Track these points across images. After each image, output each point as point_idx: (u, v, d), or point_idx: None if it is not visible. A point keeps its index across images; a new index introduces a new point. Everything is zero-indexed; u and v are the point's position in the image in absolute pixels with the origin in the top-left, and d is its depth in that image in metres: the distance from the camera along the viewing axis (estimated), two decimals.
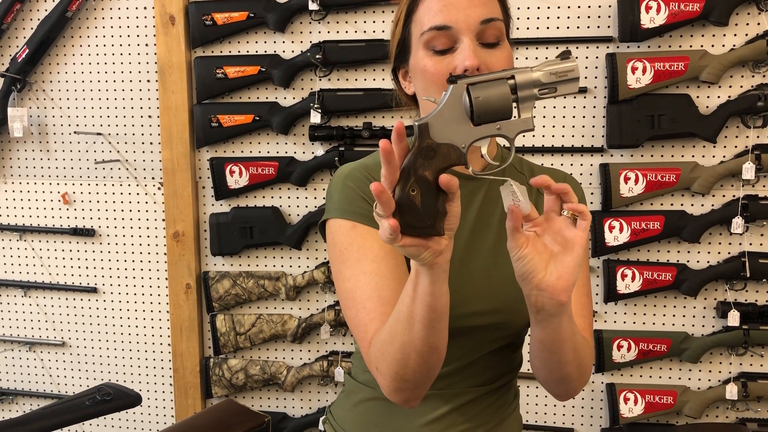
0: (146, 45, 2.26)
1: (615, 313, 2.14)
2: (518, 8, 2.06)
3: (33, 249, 2.42)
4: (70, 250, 2.40)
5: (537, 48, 2.07)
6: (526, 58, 2.07)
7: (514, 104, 0.80)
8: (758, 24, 1.96)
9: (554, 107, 2.08)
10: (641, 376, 2.16)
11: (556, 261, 0.85)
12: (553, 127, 2.09)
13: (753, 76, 1.99)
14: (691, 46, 2.00)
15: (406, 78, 1.09)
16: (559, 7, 2.05)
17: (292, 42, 2.18)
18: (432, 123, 0.79)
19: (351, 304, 1.00)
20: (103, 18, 2.27)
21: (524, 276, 0.86)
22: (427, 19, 0.99)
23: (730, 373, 2.10)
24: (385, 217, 0.75)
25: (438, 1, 0.99)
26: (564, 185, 0.84)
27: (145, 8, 2.25)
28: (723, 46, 1.99)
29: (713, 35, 1.99)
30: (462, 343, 1.05)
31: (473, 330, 1.04)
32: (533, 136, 2.10)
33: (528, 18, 2.06)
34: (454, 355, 1.05)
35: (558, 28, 2.06)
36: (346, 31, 2.15)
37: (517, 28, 2.07)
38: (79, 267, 2.40)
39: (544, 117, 2.09)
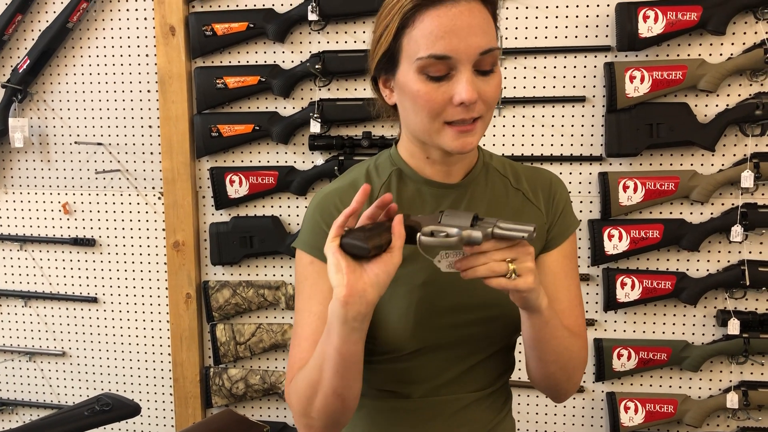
0: (146, 55, 2.27)
1: (615, 321, 2.14)
2: (516, 18, 2.07)
3: (33, 259, 2.42)
4: (71, 260, 2.40)
5: (536, 58, 2.08)
6: (525, 68, 2.08)
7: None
8: (755, 33, 1.97)
9: (553, 116, 2.09)
10: (641, 384, 2.15)
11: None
12: (552, 135, 2.10)
13: (751, 85, 1.99)
14: (689, 55, 2.01)
15: (386, 86, 1.04)
16: (557, 17, 2.06)
17: (292, 52, 2.19)
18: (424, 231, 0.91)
19: (294, 335, 1.05)
20: (103, 29, 2.29)
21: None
22: (425, 44, 0.93)
23: (730, 381, 2.10)
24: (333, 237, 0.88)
25: (439, 25, 0.93)
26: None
27: (145, 19, 2.26)
28: (720, 55, 1.99)
29: (711, 44, 2.00)
30: (461, 349, 1.06)
31: (472, 335, 1.05)
32: (532, 145, 2.10)
33: (527, 28, 2.07)
34: (456, 361, 1.06)
35: (556, 37, 2.07)
36: (346, 41, 2.16)
37: (515, 38, 2.08)
38: (80, 277, 2.41)
39: (543, 126, 2.10)
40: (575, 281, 1.11)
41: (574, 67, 2.07)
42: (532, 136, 2.10)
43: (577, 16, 2.05)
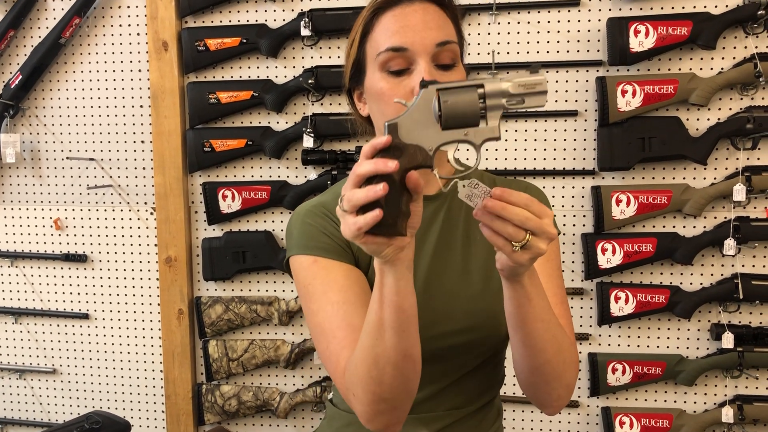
0: (139, 71, 2.27)
1: (609, 336, 2.13)
2: (509, 33, 2.08)
3: (24, 275, 2.40)
4: (62, 276, 2.38)
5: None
6: None
7: (482, 112, 0.81)
8: (745, 47, 1.98)
9: (545, 130, 2.09)
10: (636, 399, 2.14)
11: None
12: (545, 150, 2.10)
13: (741, 99, 2.00)
14: (680, 69, 2.02)
15: (361, 99, 1.08)
16: (548, 32, 2.07)
17: (285, 67, 2.20)
18: (401, 124, 0.80)
19: (321, 337, 0.99)
20: (96, 44, 2.29)
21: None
22: (383, 40, 0.99)
23: (725, 396, 2.09)
24: (349, 212, 0.77)
25: (394, 22, 0.99)
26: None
27: (138, 34, 2.26)
28: (711, 69, 2.01)
29: (701, 58, 2.01)
30: (438, 365, 1.04)
31: (448, 350, 1.04)
32: (525, 159, 2.11)
33: (518, 42, 2.08)
34: (432, 378, 1.05)
35: (548, 52, 2.07)
36: (338, 56, 2.16)
37: (508, 53, 2.09)
38: (71, 293, 2.39)
39: (535, 140, 2.10)
40: (556, 282, 1.09)
41: (566, 81, 2.08)
42: (525, 150, 2.11)
43: (568, 31, 2.06)
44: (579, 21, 2.05)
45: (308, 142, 2.15)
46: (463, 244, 1.08)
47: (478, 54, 2.09)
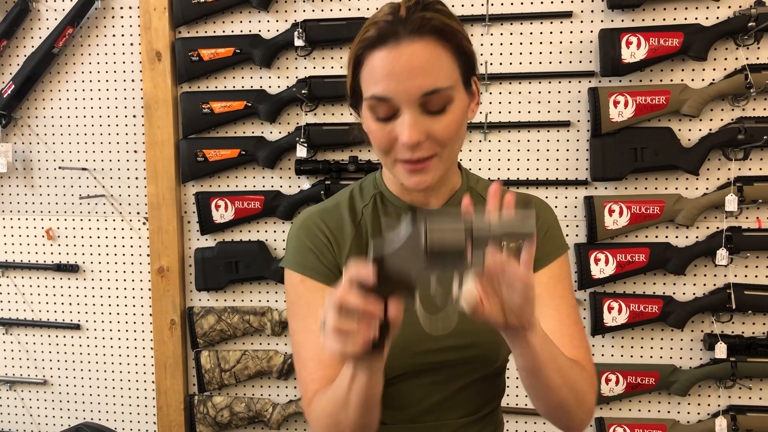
0: (132, 81, 2.27)
1: (602, 346, 2.13)
2: (501, 44, 2.09)
3: (15, 285, 2.39)
4: (53, 286, 2.37)
5: (521, 83, 2.09)
6: (510, 93, 2.09)
7: (468, 250, 0.79)
8: (736, 59, 1.99)
9: (538, 141, 2.10)
10: (630, 410, 2.14)
11: (507, 304, 0.82)
12: (538, 160, 2.11)
13: (733, 110, 2.02)
14: (671, 80, 2.03)
15: (359, 114, 1.04)
16: (541, 43, 2.08)
17: (278, 77, 2.20)
18: (387, 257, 0.79)
19: (297, 358, 1.04)
20: (89, 54, 2.28)
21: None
22: (368, 85, 0.95)
23: (719, 406, 2.09)
24: (331, 334, 0.78)
25: (381, 67, 0.92)
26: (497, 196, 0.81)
27: (131, 44, 2.26)
28: (703, 80, 2.02)
29: (693, 69, 2.02)
30: (437, 377, 1.04)
31: (447, 364, 1.04)
32: (518, 169, 2.11)
33: (511, 54, 2.09)
34: (431, 390, 1.04)
35: (541, 63, 2.08)
36: (332, 67, 2.17)
37: (500, 64, 2.10)
38: (62, 303, 2.37)
39: (528, 150, 2.11)
40: (566, 301, 1.07)
41: (559, 92, 2.09)
42: (518, 160, 2.11)
43: (561, 42, 2.07)
44: (571, 32, 2.07)
45: (301, 152, 2.14)
46: None
47: None
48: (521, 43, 2.09)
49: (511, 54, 2.09)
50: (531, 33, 2.08)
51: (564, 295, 1.07)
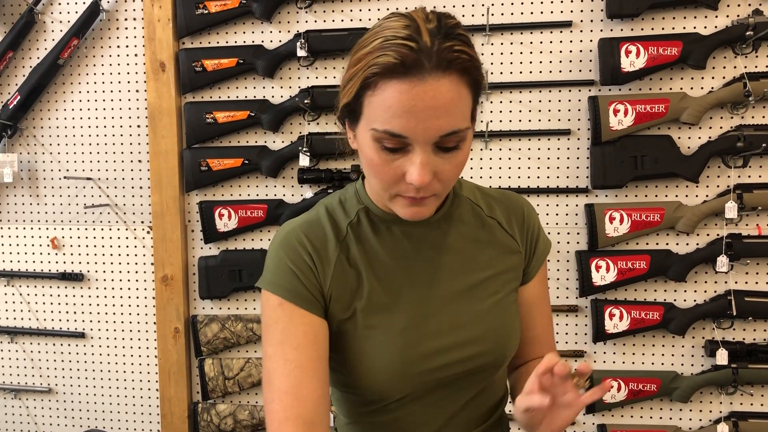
0: (137, 91, 2.29)
1: (604, 353, 2.14)
2: (502, 53, 2.11)
3: (21, 294, 2.40)
4: (58, 295, 2.39)
5: (521, 92, 2.11)
6: (510, 102, 2.11)
7: None
8: (734, 67, 2.01)
9: (539, 149, 2.12)
10: (632, 416, 2.14)
11: (553, 414, 0.91)
12: (538, 168, 2.12)
13: (732, 117, 2.03)
14: (671, 89, 2.05)
15: (350, 129, 0.95)
16: (541, 52, 2.10)
17: (281, 87, 2.22)
18: None
19: (269, 386, 0.95)
20: (94, 65, 2.31)
21: (524, 424, 0.93)
22: (381, 118, 0.85)
23: (720, 412, 2.09)
24: None
25: (398, 101, 0.83)
26: (564, 367, 0.86)
27: (135, 55, 2.28)
28: (702, 88, 2.03)
29: (692, 78, 2.04)
30: (441, 395, 1.01)
31: (450, 380, 1.01)
32: (519, 177, 2.13)
33: (512, 63, 2.11)
34: (435, 412, 1.02)
35: (541, 72, 2.10)
36: (334, 77, 2.18)
37: (501, 73, 2.12)
38: (67, 312, 2.39)
39: (529, 159, 2.12)
40: (547, 301, 1.14)
41: (559, 100, 2.10)
42: (519, 168, 2.13)
43: (561, 51, 2.09)
44: (571, 42, 2.08)
45: (304, 161, 2.16)
46: (462, 269, 1.03)
47: None
48: (521, 53, 2.11)
49: (511, 63, 2.11)
50: (531, 42, 2.10)
51: (546, 295, 1.13)
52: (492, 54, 2.11)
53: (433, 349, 0.98)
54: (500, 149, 2.13)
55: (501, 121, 2.13)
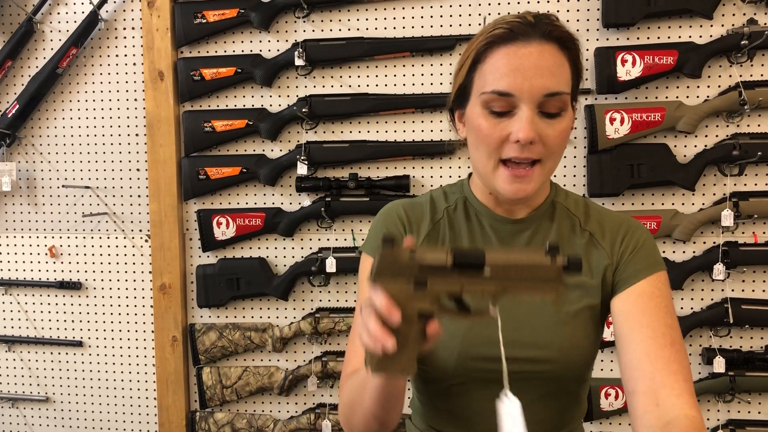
0: (135, 100, 2.30)
1: (602, 360, 2.14)
2: None
3: (18, 303, 2.40)
4: (56, 304, 2.39)
5: None
6: None
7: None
8: (730, 76, 2.02)
9: None
10: (630, 424, 2.14)
11: None
12: None
13: (728, 126, 2.04)
14: (666, 97, 2.06)
15: (460, 120, 1.06)
16: None
17: (279, 96, 2.23)
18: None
19: (352, 331, 1.09)
20: (92, 74, 2.32)
21: None
22: (491, 80, 0.96)
23: (718, 420, 2.10)
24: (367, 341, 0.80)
25: (506, 62, 0.94)
26: None
27: (134, 64, 2.29)
28: (698, 97, 2.05)
29: (687, 87, 2.05)
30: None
31: (518, 374, 0.99)
32: None
33: None
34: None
35: None
36: (332, 86, 2.19)
37: None
38: (65, 321, 2.39)
39: None
40: (660, 320, 0.99)
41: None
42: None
43: None
44: None
45: (302, 169, 2.17)
46: None
47: None
48: None
49: None
50: None
51: (658, 314, 1.00)
52: None
53: (493, 339, 0.97)
54: None
55: None
